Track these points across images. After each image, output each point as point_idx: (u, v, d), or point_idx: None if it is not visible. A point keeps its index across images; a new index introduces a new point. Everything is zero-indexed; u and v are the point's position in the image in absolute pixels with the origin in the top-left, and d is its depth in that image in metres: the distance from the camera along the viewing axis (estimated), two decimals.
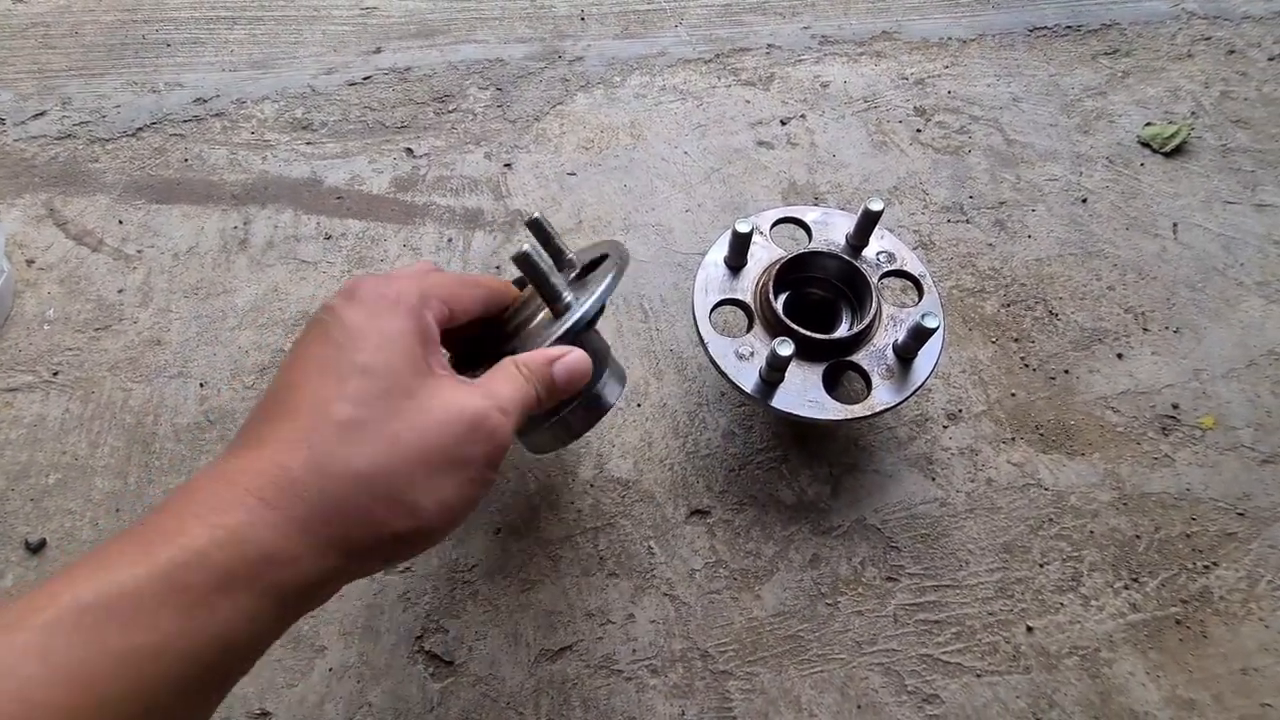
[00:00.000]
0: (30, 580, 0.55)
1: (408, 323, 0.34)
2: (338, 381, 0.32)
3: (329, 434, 0.30)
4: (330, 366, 0.32)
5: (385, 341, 0.33)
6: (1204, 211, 0.75)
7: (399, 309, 0.35)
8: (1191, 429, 0.62)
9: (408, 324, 0.34)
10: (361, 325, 0.33)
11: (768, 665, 0.52)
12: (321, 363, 0.32)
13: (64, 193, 0.76)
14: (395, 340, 0.33)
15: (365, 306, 0.34)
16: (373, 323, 0.33)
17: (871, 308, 0.55)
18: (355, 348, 0.32)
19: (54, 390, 0.64)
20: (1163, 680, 0.52)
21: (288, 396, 0.32)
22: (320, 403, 0.31)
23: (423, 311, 0.36)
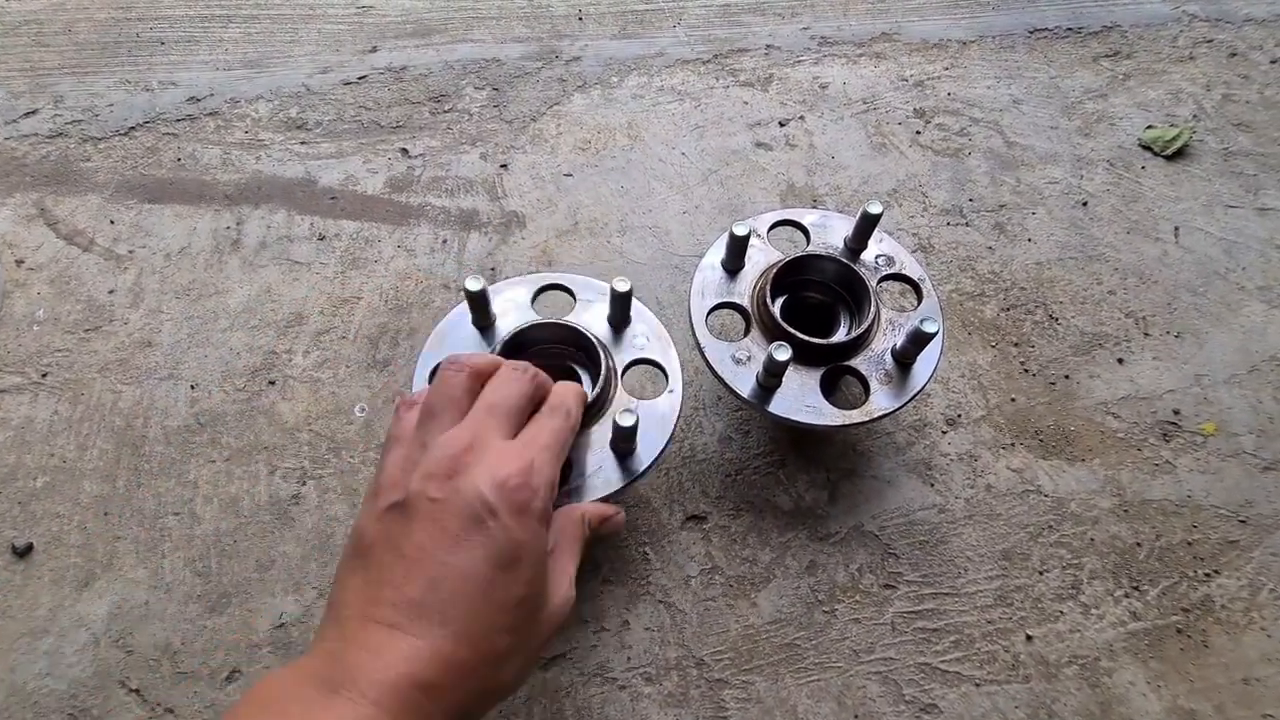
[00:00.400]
0: (16, 584, 0.54)
1: (546, 537, 0.38)
2: (500, 611, 0.34)
3: (487, 665, 0.34)
4: (491, 590, 0.34)
5: (533, 569, 0.36)
6: (1205, 215, 0.74)
7: (543, 524, 0.37)
8: (1193, 435, 0.62)
9: (546, 539, 0.38)
10: (520, 549, 0.35)
11: (764, 674, 0.52)
12: (488, 582, 0.34)
13: (55, 192, 0.76)
14: (539, 564, 0.37)
15: (523, 523, 0.35)
16: (528, 548, 0.35)
17: (870, 312, 0.54)
18: (515, 577, 0.35)
19: (43, 392, 0.63)
20: (1164, 690, 0.51)
21: (437, 599, 0.33)
22: (483, 632, 0.34)
23: (551, 509, 0.39)
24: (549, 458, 0.39)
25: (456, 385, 0.41)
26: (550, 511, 0.38)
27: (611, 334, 0.54)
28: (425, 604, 0.33)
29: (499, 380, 0.42)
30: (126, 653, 0.52)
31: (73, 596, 0.54)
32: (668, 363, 0.53)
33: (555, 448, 0.40)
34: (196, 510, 0.57)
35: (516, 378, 0.42)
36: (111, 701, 0.50)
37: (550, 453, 0.39)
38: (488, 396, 0.41)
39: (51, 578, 0.55)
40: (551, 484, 0.38)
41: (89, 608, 0.54)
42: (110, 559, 0.55)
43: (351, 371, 0.64)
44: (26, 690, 0.51)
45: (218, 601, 0.54)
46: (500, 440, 0.39)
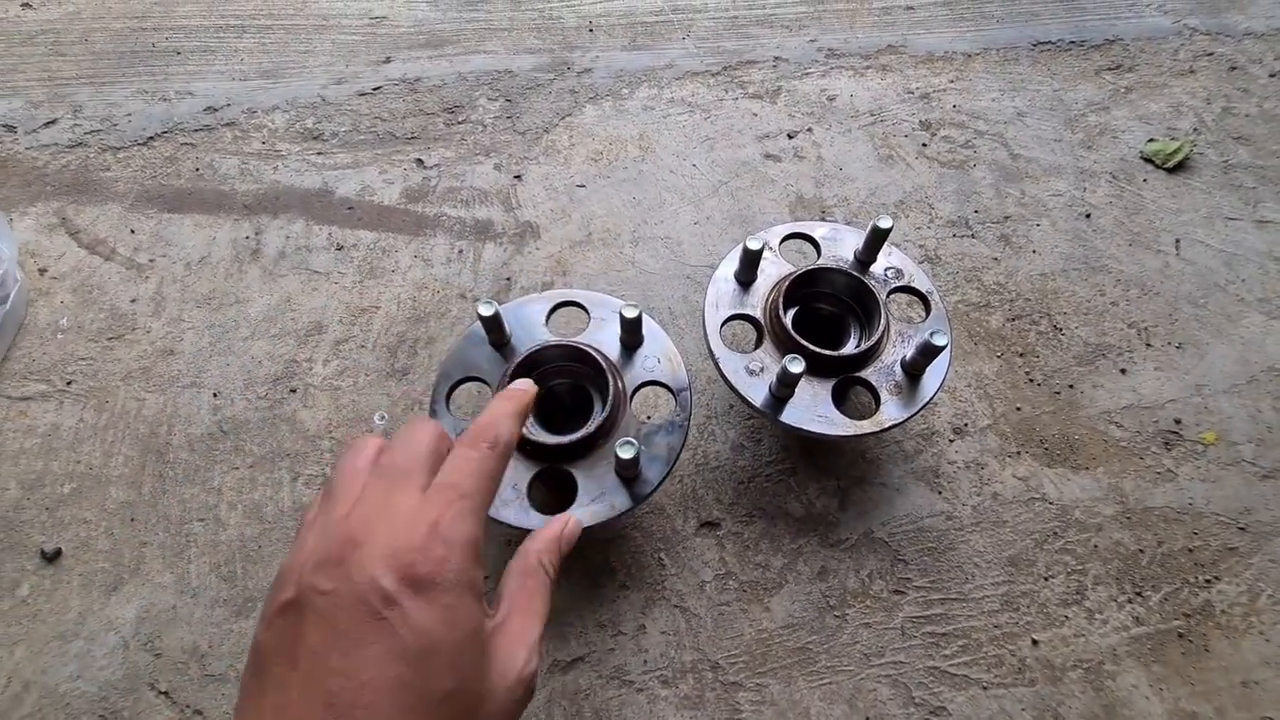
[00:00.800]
0: (46, 589, 0.56)
1: (475, 608, 0.31)
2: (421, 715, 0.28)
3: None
4: (409, 691, 0.28)
5: (460, 653, 0.30)
6: (1206, 227, 0.76)
7: (466, 593, 0.31)
8: (1194, 444, 0.63)
9: (475, 609, 0.31)
10: (433, 636, 0.29)
11: (777, 676, 0.53)
12: (398, 685, 0.28)
13: (76, 201, 0.77)
14: (469, 645, 0.31)
15: (433, 603, 0.30)
16: (444, 631, 0.30)
17: (880, 324, 0.56)
18: (435, 670, 0.29)
19: (68, 399, 0.64)
20: (1165, 693, 0.53)
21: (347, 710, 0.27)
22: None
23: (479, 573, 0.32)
24: (465, 508, 0.32)
25: (361, 456, 0.35)
26: (475, 575, 0.32)
27: (623, 353, 0.55)
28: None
29: (399, 436, 0.35)
30: (155, 656, 0.53)
31: (101, 600, 0.55)
32: (677, 386, 0.54)
33: (475, 491, 0.33)
34: (221, 516, 0.59)
35: (419, 427, 0.36)
36: (142, 704, 0.52)
37: (468, 502, 0.33)
38: (384, 458, 0.34)
39: (80, 582, 0.56)
40: (470, 541, 0.32)
41: (118, 611, 0.55)
42: (137, 564, 0.57)
43: (371, 380, 0.65)
44: (59, 692, 0.52)
45: (243, 605, 0.55)
46: (405, 497, 0.32)
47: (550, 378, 0.55)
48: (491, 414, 0.38)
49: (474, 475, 0.34)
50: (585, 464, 0.51)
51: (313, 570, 0.30)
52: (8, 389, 0.64)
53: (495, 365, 0.54)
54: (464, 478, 0.34)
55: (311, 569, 0.30)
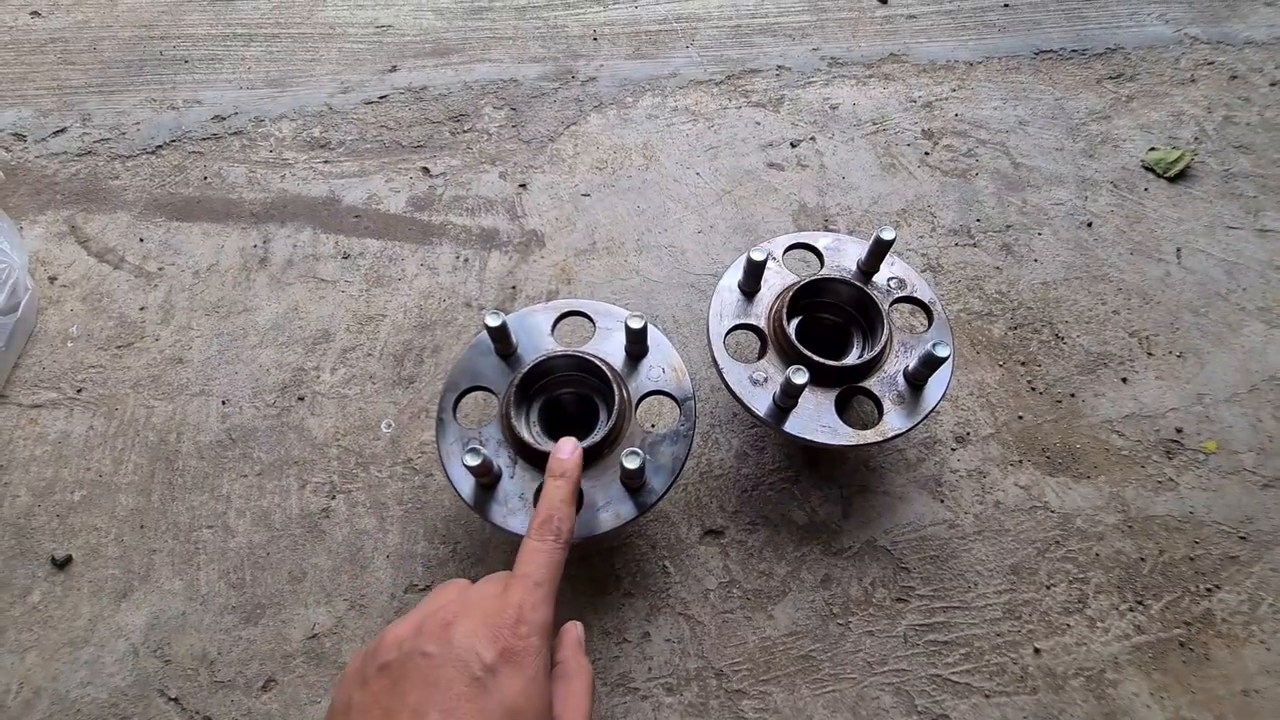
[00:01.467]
0: (57, 595, 0.56)
1: (548, 686, 0.37)
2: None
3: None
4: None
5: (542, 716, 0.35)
6: (1207, 236, 0.76)
7: (543, 671, 0.36)
8: (1195, 453, 0.63)
9: (548, 688, 0.36)
10: (518, 701, 0.34)
11: (781, 684, 0.54)
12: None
13: (85, 210, 0.78)
14: (542, 716, 0.35)
15: (520, 674, 0.34)
16: (527, 699, 0.34)
17: (883, 335, 0.56)
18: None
19: (78, 407, 0.65)
20: (1166, 701, 0.53)
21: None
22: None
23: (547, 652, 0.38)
24: (542, 596, 0.38)
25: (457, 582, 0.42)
26: (547, 656, 0.37)
27: (628, 363, 0.56)
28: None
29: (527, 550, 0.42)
30: (165, 662, 0.54)
31: (111, 607, 0.56)
32: (681, 396, 0.55)
33: (548, 580, 0.39)
34: (230, 523, 0.59)
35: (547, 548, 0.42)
36: (152, 710, 0.52)
37: (542, 589, 0.39)
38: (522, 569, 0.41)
39: (91, 589, 0.57)
40: (545, 624, 0.37)
41: (127, 618, 0.55)
42: (147, 571, 0.57)
43: (378, 388, 0.66)
44: (69, 698, 0.52)
45: (252, 612, 0.56)
46: (489, 588, 0.39)
47: (556, 387, 0.56)
48: (550, 502, 0.43)
49: (545, 566, 0.40)
50: (591, 473, 0.51)
51: (414, 637, 0.35)
52: (19, 397, 0.65)
53: (502, 375, 0.55)
54: (536, 569, 0.39)
55: (413, 636, 0.35)
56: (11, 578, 0.57)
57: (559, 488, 0.44)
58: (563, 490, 0.44)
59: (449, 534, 0.59)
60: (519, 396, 0.53)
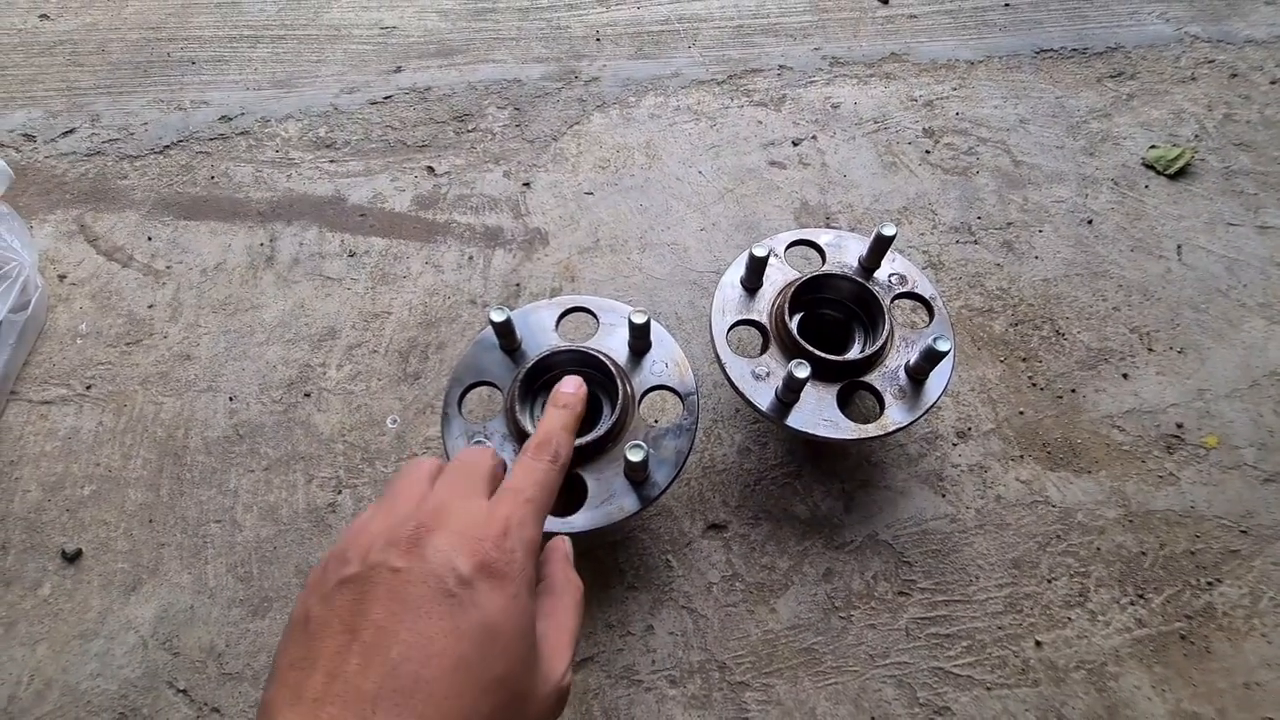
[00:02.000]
0: (67, 589, 0.57)
1: (531, 604, 0.33)
2: (477, 696, 0.29)
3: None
4: (466, 672, 0.29)
5: (517, 642, 0.31)
6: (1207, 233, 0.76)
7: (526, 588, 0.33)
8: (1195, 448, 0.64)
9: (531, 606, 0.33)
10: (497, 620, 0.31)
11: (783, 677, 0.54)
12: (458, 664, 0.29)
13: (94, 209, 0.79)
14: (523, 638, 0.32)
15: (501, 590, 0.31)
16: (506, 618, 0.31)
17: (884, 329, 0.56)
18: (493, 653, 0.30)
19: (87, 403, 0.65)
20: (1168, 694, 0.53)
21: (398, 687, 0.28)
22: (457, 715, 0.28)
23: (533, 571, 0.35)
24: (530, 512, 0.35)
25: (420, 469, 0.38)
26: (532, 574, 0.34)
27: (631, 358, 0.56)
28: (382, 696, 0.27)
29: (456, 458, 0.39)
30: (173, 655, 0.54)
31: (121, 600, 0.57)
32: (685, 390, 0.55)
33: (539, 498, 0.37)
34: (237, 518, 0.60)
35: (476, 450, 0.40)
36: (160, 702, 0.53)
37: (533, 506, 0.36)
38: (445, 473, 0.37)
39: (100, 582, 0.57)
40: (533, 541, 0.35)
41: (137, 611, 0.56)
42: (156, 564, 0.58)
43: (383, 384, 0.66)
44: (79, 690, 0.53)
45: (259, 605, 0.56)
46: (473, 499, 0.35)
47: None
48: (549, 426, 0.42)
49: (537, 484, 0.37)
50: (594, 467, 0.52)
51: (382, 549, 0.31)
52: (29, 393, 0.66)
53: (506, 370, 0.55)
54: (528, 485, 0.37)
55: (381, 548, 0.32)
56: (23, 571, 0.58)
57: (560, 415, 0.43)
58: (564, 417, 0.43)
59: None
60: (523, 391, 0.54)
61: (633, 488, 0.51)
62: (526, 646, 0.32)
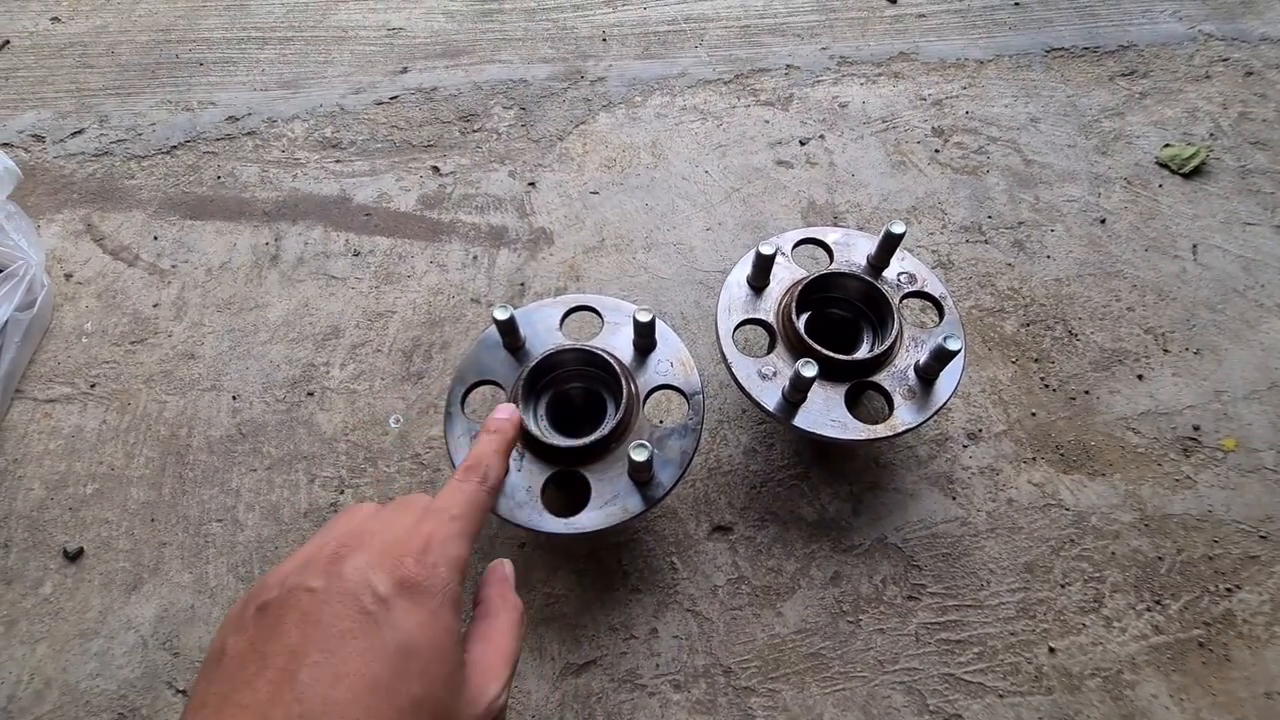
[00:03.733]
0: (69, 587, 0.57)
1: (455, 622, 0.31)
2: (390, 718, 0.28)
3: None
4: (381, 693, 0.28)
5: (436, 662, 0.30)
6: (1223, 233, 0.75)
7: (448, 605, 0.31)
8: (1213, 451, 0.62)
9: (455, 624, 0.31)
10: (415, 638, 0.29)
11: (790, 682, 0.53)
12: (372, 685, 0.28)
13: (101, 208, 0.79)
14: (445, 657, 0.30)
15: (421, 608, 0.30)
16: (426, 635, 0.30)
17: (893, 329, 0.56)
18: (410, 673, 0.29)
19: (91, 402, 0.65)
20: (1186, 704, 0.52)
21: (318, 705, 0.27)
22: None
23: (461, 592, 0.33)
24: (458, 529, 0.34)
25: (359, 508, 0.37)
26: (458, 593, 0.32)
27: (636, 357, 0.55)
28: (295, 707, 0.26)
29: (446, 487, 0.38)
30: (173, 655, 0.54)
31: (122, 600, 0.56)
32: (690, 390, 0.54)
33: (466, 516, 0.35)
34: (239, 517, 0.60)
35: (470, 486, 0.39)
36: (159, 702, 0.52)
37: (460, 523, 0.34)
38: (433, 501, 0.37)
39: (101, 581, 0.57)
40: (458, 559, 0.33)
41: (137, 611, 0.56)
42: (157, 564, 0.58)
43: (386, 384, 0.66)
44: (79, 690, 0.53)
45: None
46: (398, 522, 0.34)
47: (564, 381, 0.56)
48: (480, 450, 0.41)
49: (465, 503, 0.36)
50: (598, 467, 0.51)
51: (299, 571, 0.30)
52: (34, 391, 0.66)
53: (510, 369, 0.55)
54: (455, 504, 0.36)
55: (298, 570, 0.31)
56: (24, 569, 0.57)
57: (491, 440, 0.43)
58: (495, 442, 0.43)
59: None
60: (527, 390, 0.53)
61: (637, 488, 0.50)
62: (449, 667, 0.31)
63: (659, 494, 0.50)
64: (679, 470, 0.51)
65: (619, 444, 0.51)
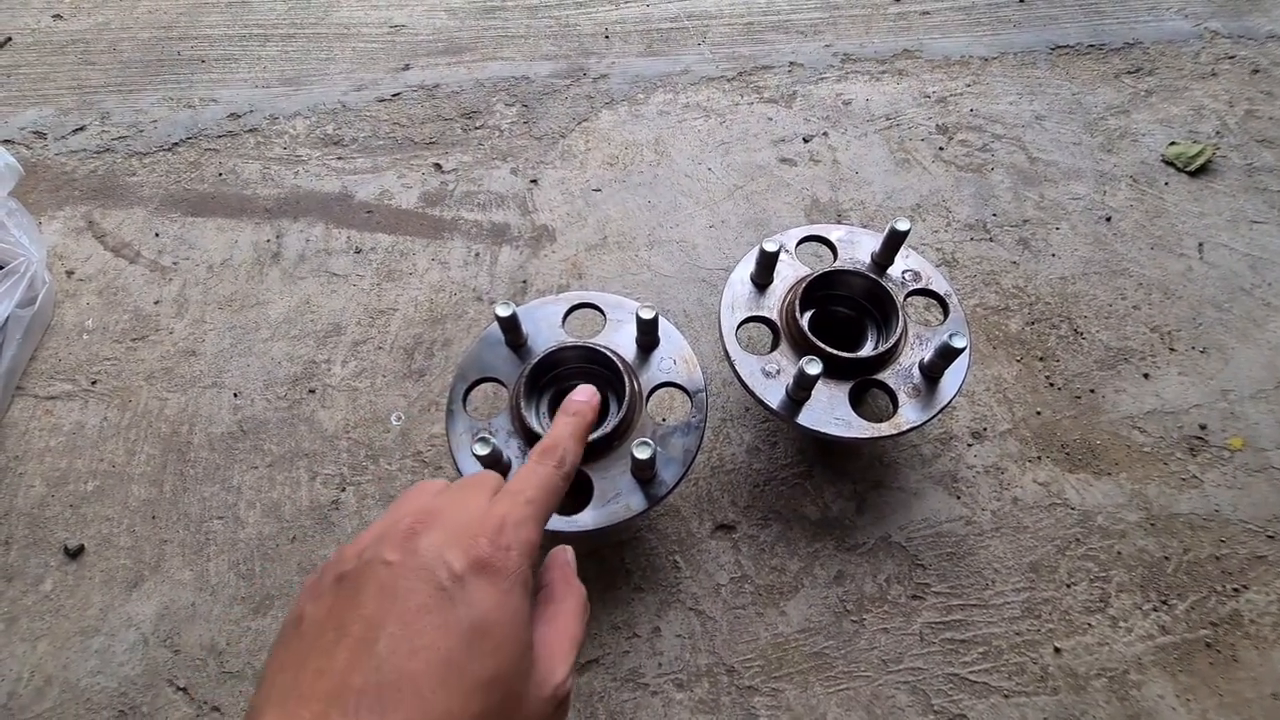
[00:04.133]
0: (69, 584, 0.56)
1: (527, 604, 0.32)
2: (466, 695, 0.28)
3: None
4: (455, 669, 0.28)
5: (508, 642, 0.30)
6: (1230, 231, 0.74)
7: (520, 587, 0.31)
8: (1220, 450, 0.62)
9: (527, 606, 0.32)
10: (488, 617, 0.30)
11: (793, 682, 0.53)
12: (446, 659, 0.28)
13: (103, 205, 0.79)
14: (517, 638, 0.31)
15: (494, 587, 0.30)
16: (499, 615, 0.30)
17: (898, 327, 0.55)
18: (484, 651, 0.29)
19: (92, 399, 0.65)
20: (1193, 704, 0.52)
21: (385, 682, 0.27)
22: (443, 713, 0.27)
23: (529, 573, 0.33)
24: (531, 513, 0.34)
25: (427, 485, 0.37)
26: (529, 575, 0.33)
27: (639, 355, 0.55)
28: (366, 691, 0.26)
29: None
30: (174, 652, 0.54)
31: (122, 597, 0.56)
32: (693, 387, 0.54)
33: (540, 500, 0.35)
34: (240, 515, 0.59)
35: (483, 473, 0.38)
36: (160, 699, 0.52)
37: (534, 506, 0.35)
38: (460, 480, 0.37)
39: (102, 578, 0.57)
40: (530, 543, 0.33)
41: (138, 608, 0.55)
42: (158, 561, 0.57)
43: (388, 381, 0.66)
44: (80, 687, 0.52)
45: (261, 603, 0.56)
46: (472, 501, 0.34)
47: (566, 379, 0.55)
48: (557, 433, 0.40)
49: (540, 486, 0.36)
50: (601, 465, 0.51)
51: (375, 544, 0.31)
52: (35, 388, 0.66)
53: (512, 366, 0.54)
54: (530, 487, 0.36)
55: (374, 544, 0.31)
56: (25, 567, 0.57)
57: (569, 422, 0.41)
58: (573, 425, 0.41)
59: None
60: (529, 387, 0.53)
61: (640, 486, 0.50)
62: (520, 648, 0.31)
63: (662, 492, 0.50)
64: (682, 468, 0.51)
65: (622, 442, 0.51)
